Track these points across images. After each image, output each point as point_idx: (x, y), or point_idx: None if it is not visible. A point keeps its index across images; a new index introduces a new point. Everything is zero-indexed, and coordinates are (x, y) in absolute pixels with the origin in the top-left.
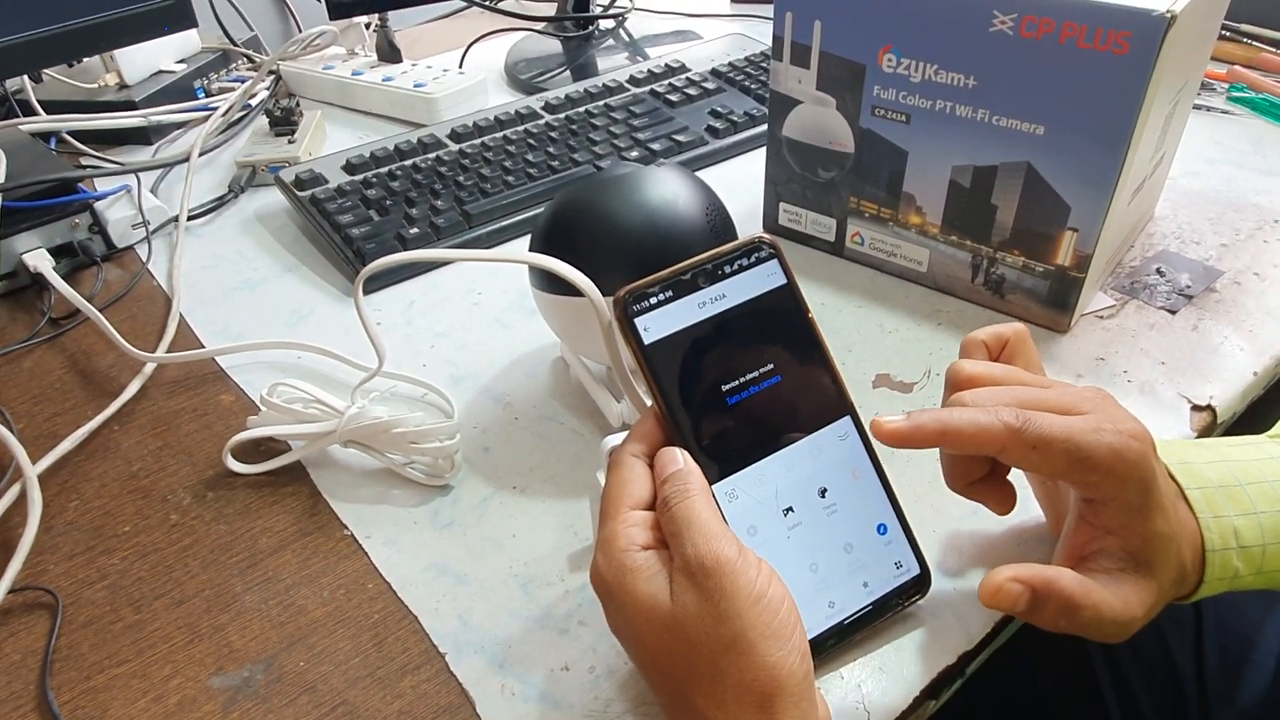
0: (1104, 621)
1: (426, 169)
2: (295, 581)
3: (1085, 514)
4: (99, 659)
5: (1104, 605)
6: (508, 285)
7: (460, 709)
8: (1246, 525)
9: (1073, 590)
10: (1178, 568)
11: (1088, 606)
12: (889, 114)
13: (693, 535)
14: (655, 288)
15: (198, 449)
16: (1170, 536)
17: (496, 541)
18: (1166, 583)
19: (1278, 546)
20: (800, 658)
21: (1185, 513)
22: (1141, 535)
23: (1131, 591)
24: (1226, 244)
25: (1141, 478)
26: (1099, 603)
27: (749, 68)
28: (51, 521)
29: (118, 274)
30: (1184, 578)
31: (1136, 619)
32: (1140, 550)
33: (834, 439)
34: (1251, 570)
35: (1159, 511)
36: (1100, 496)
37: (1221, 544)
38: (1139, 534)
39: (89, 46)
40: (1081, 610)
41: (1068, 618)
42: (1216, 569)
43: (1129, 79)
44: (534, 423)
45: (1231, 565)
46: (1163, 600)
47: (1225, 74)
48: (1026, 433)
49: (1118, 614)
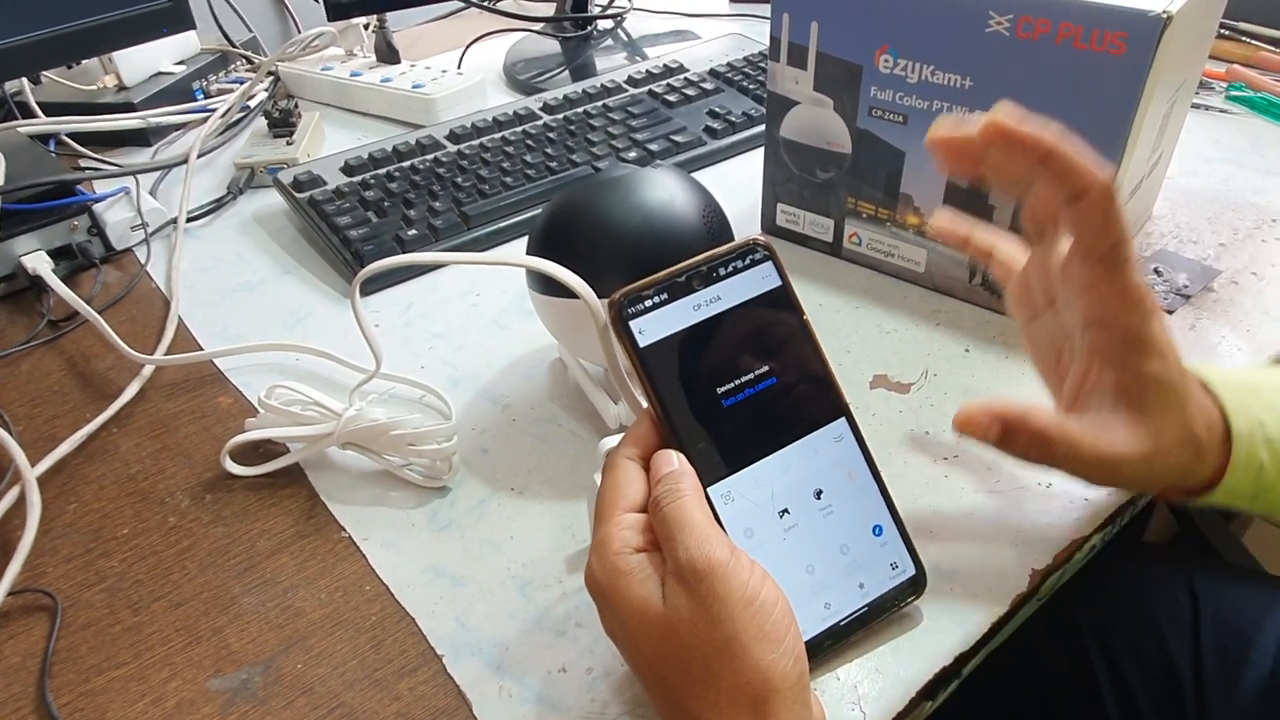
0: (1083, 458)
1: (425, 170)
2: (293, 584)
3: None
4: (97, 661)
5: (1083, 441)
6: (506, 287)
7: (458, 711)
8: (1272, 419)
9: (1045, 423)
10: (1180, 427)
11: (1061, 440)
12: (886, 114)
13: (684, 538)
14: (650, 290)
15: (196, 451)
16: (1169, 384)
17: (494, 543)
18: (1167, 434)
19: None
20: (794, 660)
21: (1202, 394)
22: (1134, 373)
23: (1120, 429)
24: (1224, 243)
25: (1148, 310)
26: (1076, 438)
27: (747, 68)
28: (50, 524)
29: (116, 276)
30: (1197, 449)
31: (1125, 459)
32: (1133, 389)
33: (829, 440)
34: (1277, 464)
35: (1156, 354)
36: (1108, 312)
37: (1248, 431)
38: (1132, 371)
39: (88, 48)
40: (1054, 444)
41: (1039, 450)
42: (1243, 455)
43: (1126, 79)
44: (532, 424)
45: (1258, 456)
46: (1161, 457)
47: (1224, 73)
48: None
49: (1100, 451)
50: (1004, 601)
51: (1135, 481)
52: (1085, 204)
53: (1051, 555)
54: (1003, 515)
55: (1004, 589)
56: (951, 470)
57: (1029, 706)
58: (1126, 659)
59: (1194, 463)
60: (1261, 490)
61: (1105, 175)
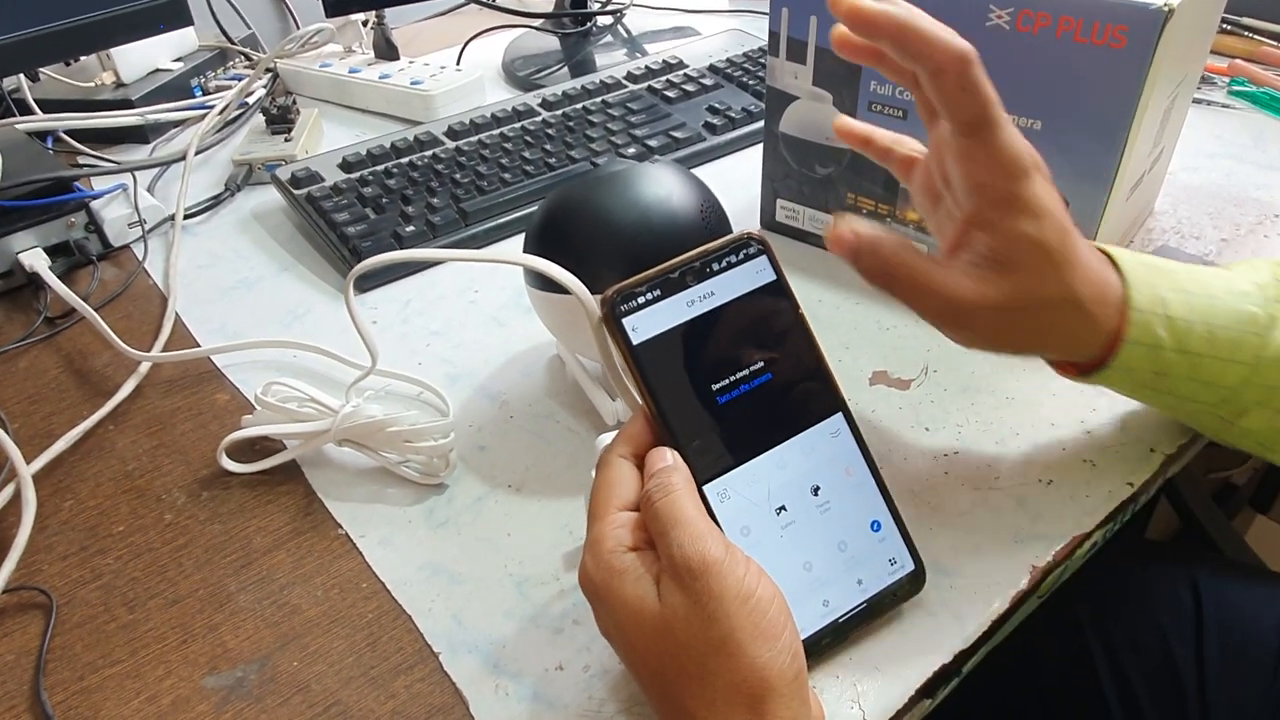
0: (923, 292)
1: (423, 167)
2: (289, 581)
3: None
4: (93, 659)
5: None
6: (504, 283)
7: (454, 709)
8: (1176, 299)
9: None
10: (1058, 286)
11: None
12: (886, 109)
13: (678, 535)
14: (643, 287)
15: (192, 448)
16: (1042, 243)
17: (491, 541)
18: (1035, 293)
19: (1205, 331)
20: (791, 657)
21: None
22: (1004, 232)
23: (983, 279)
24: (1227, 239)
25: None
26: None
27: (747, 64)
28: (46, 521)
29: (114, 273)
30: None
31: (971, 305)
32: (1002, 248)
33: (826, 436)
34: (1175, 344)
35: (1030, 215)
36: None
37: (1148, 305)
38: (1002, 231)
39: (85, 45)
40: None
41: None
42: (1139, 329)
43: (1126, 73)
44: (530, 421)
45: (1155, 332)
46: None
47: (1226, 68)
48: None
49: (941, 289)
50: (1004, 599)
51: (996, 336)
52: (944, 77)
53: (1052, 552)
54: (1003, 512)
55: (1004, 586)
56: (951, 466)
57: (1030, 705)
58: (1128, 656)
59: (1077, 329)
60: (1161, 375)
61: (959, 46)
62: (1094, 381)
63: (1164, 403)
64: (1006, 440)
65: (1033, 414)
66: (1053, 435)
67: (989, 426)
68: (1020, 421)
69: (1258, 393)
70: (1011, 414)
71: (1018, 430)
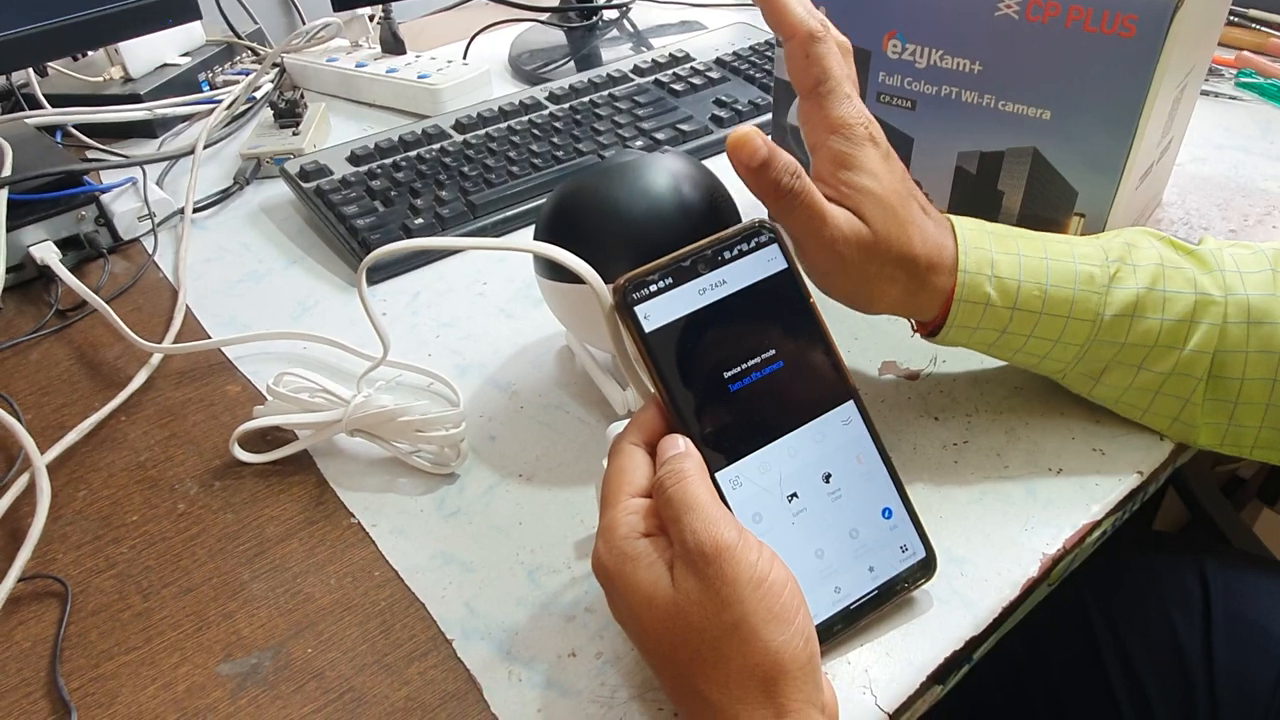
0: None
1: (431, 160)
2: (302, 569)
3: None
4: (108, 646)
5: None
6: (513, 275)
7: (468, 695)
8: (1006, 261)
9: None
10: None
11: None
12: (894, 100)
13: (691, 520)
14: (654, 275)
15: (205, 439)
16: (879, 197)
17: (503, 529)
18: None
19: (1036, 289)
20: (804, 641)
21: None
22: (843, 185)
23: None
24: (1235, 229)
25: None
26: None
27: (754, 57)
28: (60, 511)
29: (124, 266)
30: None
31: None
32: (846, 200)
33: (837, 424)
34: (1007, 303)
35: (866, 173)
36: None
37: (975, 268)
38: (842, 184)
39: (93, 39)
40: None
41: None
42: (967, 289)
43: (1136, 62)
44: (540, 411)
45: (983, 290)
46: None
47: (1233, 60)
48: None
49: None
50: (1015, 586)
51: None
52: (790, 45)
53: (1062, 540)
54: (1013, 500)
55: (1014, 574)
56: (961, 455)
57: (1037, 694)
58: (1136, 646)
59: (915, 289)
60: (1004, 333)
61: (807, 22)
62: (941, 341)
63: (1027, 362)
64: (1016, 429)
65: (1042, 403)
66: (1062, 424)
67: (998, 416)
68: (1029, 410)
69: (1109, 350)
70: (1021, 403)
71: (1027, 419)
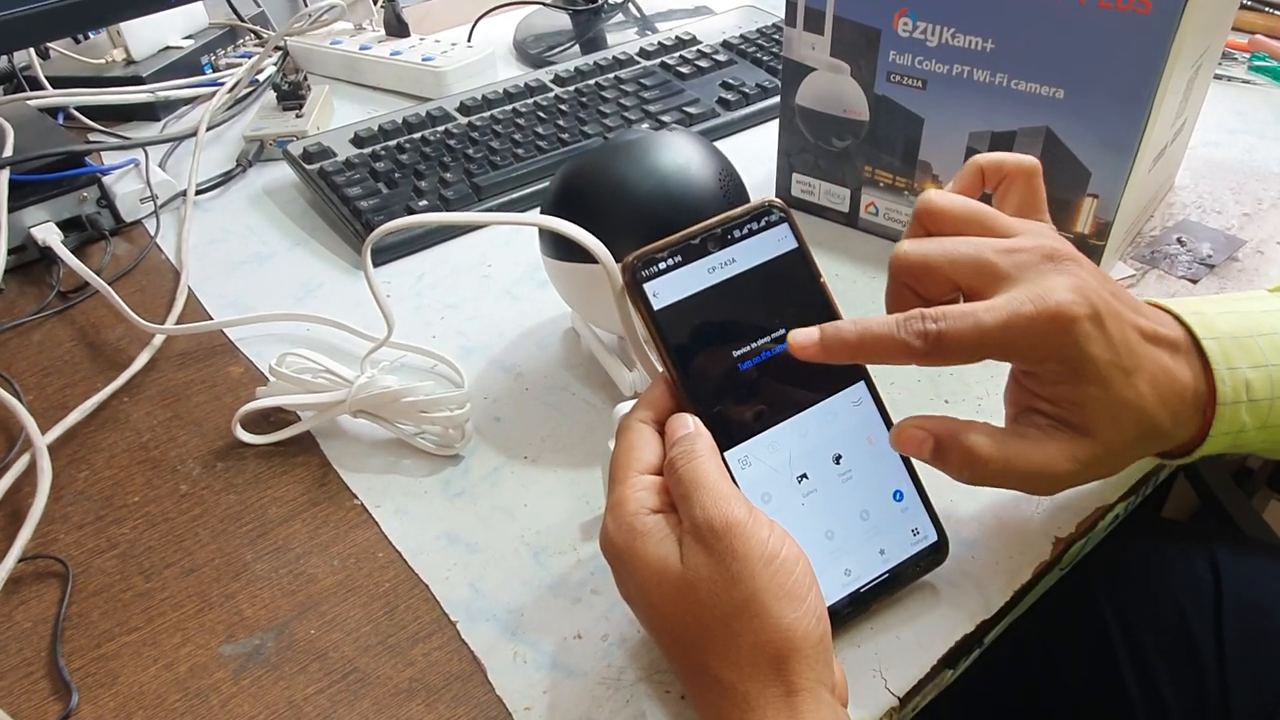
0: (1020, 474)
1: (435, 142)
2: (305, 550)
3: (1018, 377)
4: (109, 627)
5: (1017, 458)
6: (519, 257)
7: (473, 676)
8: (1258, 378)
9: (976, 444)
10: (1136, 427)
11: (995, 459)
12: (905, 80)
13: (701, 497)
14: (664, 253)
15: (207, 420)
16: (1113, 403)
17: (508, 511)
18: (1116, 442)
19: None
20: (816, 620)
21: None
22: (1072, 401)
23: (1059, 449)
24: (1249, 213)
25: (1066, 354)
26: (1011, 456)
27: (761, 39)
28: (61, 491)
29: (126, 248)
30: (1158, 434)
31: (1064, 474)
32: (1071, 415)
33: (848, 404)
34: (1257, 424)
35: (1093, 382)
36: (1026, 369)
37: (1234, 397)
38: (1068, 400)
39: (95, 19)
40: (988, 462)
41: (972, 469)
42: (1225, 422)
43: (1152, 39)
44: (545, 393)
45: (1240, 419)
46: (1113, 458)
47: (1247, 43)
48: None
49: (1037, 468)
50: (1026, 570)
51: (1083, 483)
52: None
53: (1074, 524)
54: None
55: (1026, 557)
56: None
57: (1046, 681)
58: (1146, 633)
59: (1155, 445)
60: (1236, 446)
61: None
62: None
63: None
64: None
65: None
66: None
67: None
68: None
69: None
70: None
71: None
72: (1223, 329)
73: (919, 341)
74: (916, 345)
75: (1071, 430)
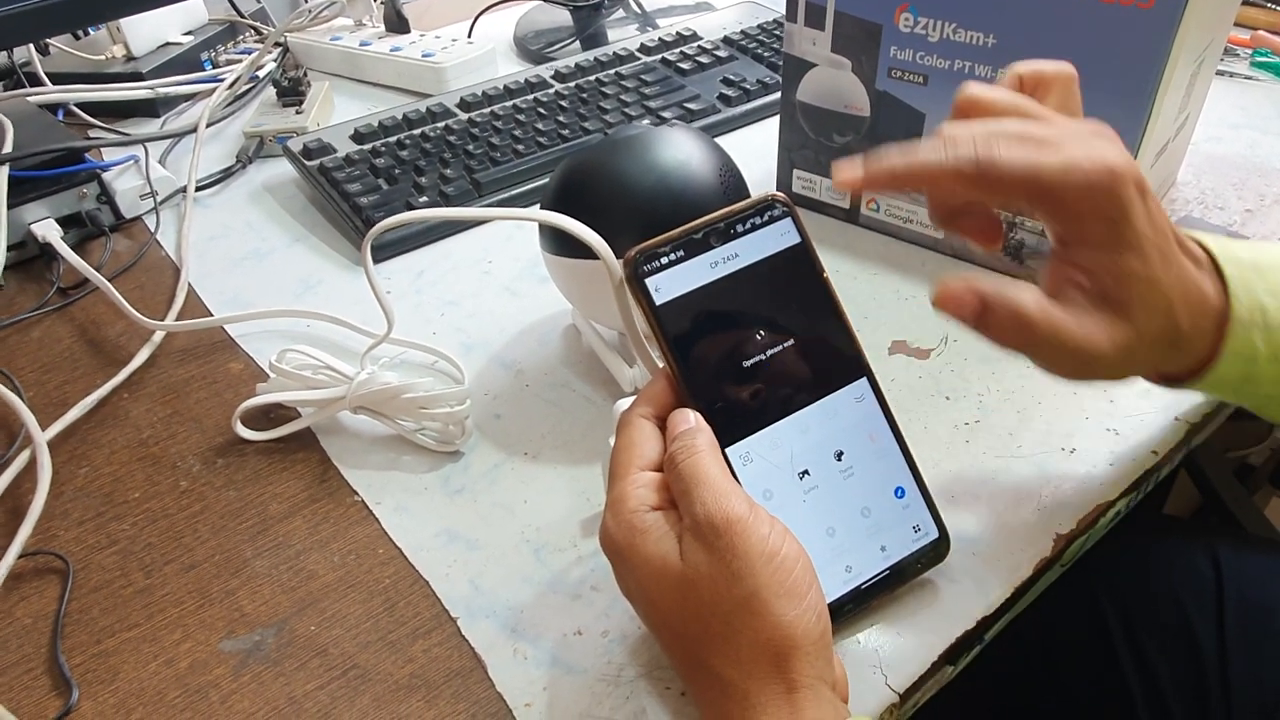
0: (1063, 348)
1: (435, 138)
2: (305, 547)
3: (1058, 250)
4: (109, 623)
5: (1063, 329)
6: (519, 253)
7: (473, 672)
8: (1274, 305)
9: (1027, 305)
10: (1164, 319)
11: (1043, 324)
12: (906, 75)
13: (701, 494)
14: (666, 247)
15: (207, 416)
16: (1151, 281)
17: (508, 507)
18: (1147, 332)
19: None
20: (816, 616)
21: (1198, 274)
22: (1113, 274)
23: (1098, 326)
24: (1251, 209)
25: (1109, 215)
26: (1058, 325)
27: (762, 35)
28: (61, 488)
29: (126, 244)
30: (1177, 338)
31: (1102, 356)
32: (1112, 289)
33: (850, 401)
34: (1270, 353)
35: (1134, 252)
36: (1067, 233)
37: (1249, 318)
38: (1110, 272)
39: (94, 14)
40: (1035, 326)
41: (1020, 334)
42: (1239, 341)
43: (1154, 35)
44: (545, 389)
45: (1253, 343)
46: (1142, 351)
47: (1249, 39)
48: (986, 171)
49: (1079, 343)
50: (1027, 566)
51: (1108, 374)
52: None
53: (1075, 520)
54: (1025, 480)
55: (1027, 553)
56: (973, 435)
57: (1046, 677)
58: (1146, 629)
59: (1170, 353)
60: (1247, 380)
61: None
62: (1180, 389)
63: (1248, 403)
64: (1028, 409)
65: (1055, 382)
66: (1075, 403)
67: (1010, 395)
68: (1042, 390)
69: None
70: (1033, 382)
71: (1039, 399)
72: (1243, 256)
73: (970, 166)
74: (967, 169)
75: (1109, 310)
